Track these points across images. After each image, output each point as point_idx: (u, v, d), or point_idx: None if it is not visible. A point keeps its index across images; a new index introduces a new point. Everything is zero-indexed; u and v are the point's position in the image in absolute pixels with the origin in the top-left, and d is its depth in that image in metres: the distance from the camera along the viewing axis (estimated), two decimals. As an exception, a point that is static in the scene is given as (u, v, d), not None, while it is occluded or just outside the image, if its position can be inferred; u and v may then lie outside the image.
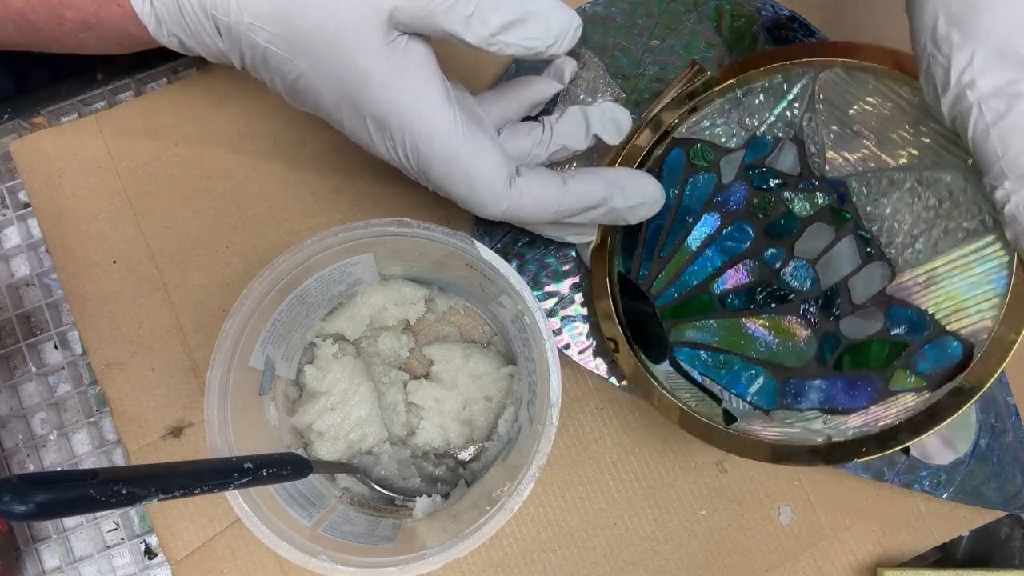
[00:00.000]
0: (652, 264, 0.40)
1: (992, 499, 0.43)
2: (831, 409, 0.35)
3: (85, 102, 0.47)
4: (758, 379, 0.37)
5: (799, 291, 0.37)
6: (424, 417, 0.43)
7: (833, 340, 0.36)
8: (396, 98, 0.32)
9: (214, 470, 0.28)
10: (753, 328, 0.38)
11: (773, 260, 0.38)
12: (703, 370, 0.38)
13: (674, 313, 0.39)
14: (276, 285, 0.36)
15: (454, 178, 0.34)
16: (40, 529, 0.45)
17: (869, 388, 0.35)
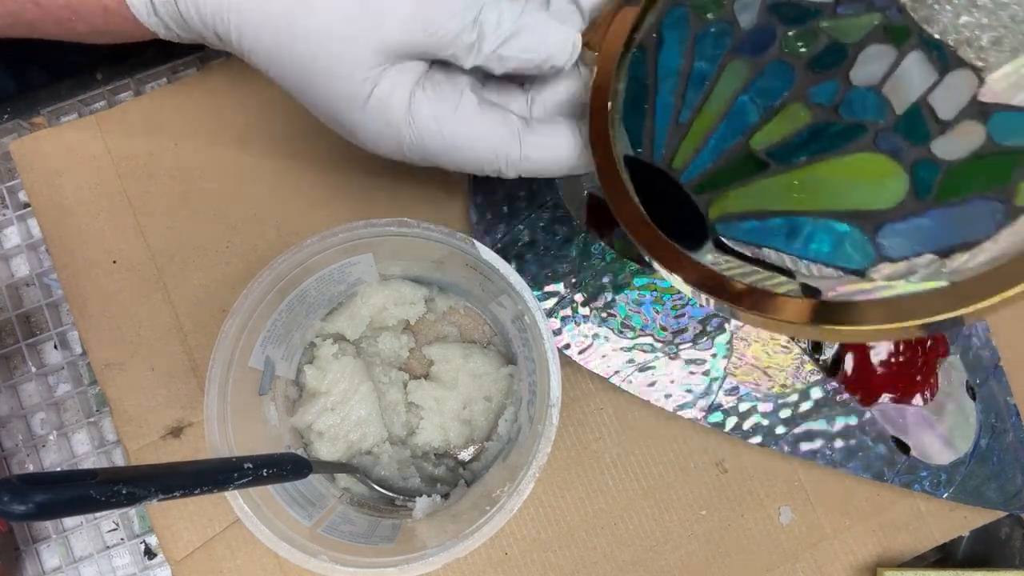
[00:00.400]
0: (669, 135, 0.33)
1: (992, 499, 0.43)
2: (948, 248, 0.28)
3: (85, 102, 0.47)
4: (842, 234, 0.29)
5: (869, 121, 0.30)
6: (424, 417, 0.43)
7: (928, 167, 0.29)
8: (385, 118, 0.32)
9: (214, 470, 0.28)
10: (819, 178, 0.30)
11: (827, 96, 0.31)
12: (760, 241, 0.31)
13: (709, 184, 0.32)
14: (276, 285, 0.36)
15: (465, 166, 0.34)
16: (40, 529, 0.45)
17: (990, 211, 0.27)
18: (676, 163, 0.33)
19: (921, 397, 0.43)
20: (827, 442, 0.42)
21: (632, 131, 0.34)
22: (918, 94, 0.30)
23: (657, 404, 0.42)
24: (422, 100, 0.32)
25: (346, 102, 0.32)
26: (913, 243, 0.29)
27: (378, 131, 0.32)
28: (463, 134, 0.32)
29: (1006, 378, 0.43)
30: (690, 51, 0.34)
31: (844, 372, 0.42)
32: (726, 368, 0.42)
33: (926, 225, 0.29)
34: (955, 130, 0.29)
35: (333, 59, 0.31)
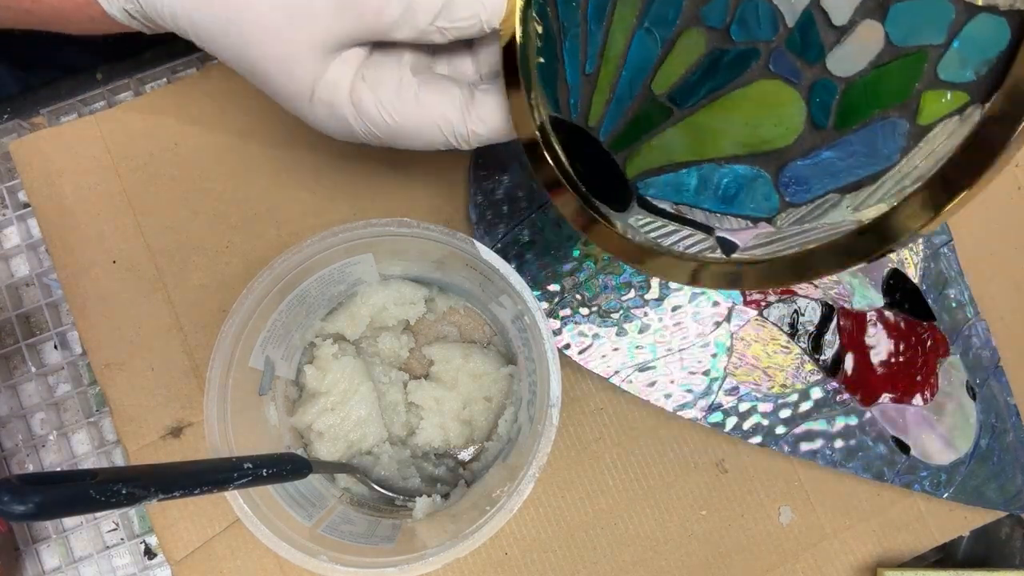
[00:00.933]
0: (581, 88, 0.31)
1: (992, 499, 0.43)
2: (852, 184, 0.26)
3: (85, 102, 0.47)
4: (747, 180, 0.28)
5: (760, 40, 0.27)
6: (424, 417, 0.43)
7: (825, 88, 0.26)
8: (331, 111, 0.32)
9: (214, 470, 0.28)
10: (719, 118, 0.28)
11: (717, 16, 0.28)
12: (678, 199, 0.30)
13: (624, 141, 0.31)
14: (276, 285, 0.36)
15: (417, 145, 0.34)
16: (40, 529, 0.45)
17: (894, 133, 0.25)
18: (591, 119, 0.31)
19: (921, 397, 0.43)
20: (827, 442, 0.42)
21: (548, 89, 0.32)
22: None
23: (657, 404, 0.42)
24: (362, 89, 0.32)
25: (293, 97, 0.32)
26: (816, 182, 0.27)
27: (327, 122, 0.33)
28: (406, 116, 0.32)
29: (1006, 378, 0.43)
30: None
31: (844, 372, 0.42)
32: (726, 368, 0.42)
33: (827, 160, 0.27)
34: (851, 36, 0.26)
35: (273, 59, 0.31)
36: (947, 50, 0.24)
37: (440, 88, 0.33)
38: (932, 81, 0.24)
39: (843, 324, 0.43)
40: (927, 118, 0.24)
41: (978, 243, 0.46)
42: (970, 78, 0.24)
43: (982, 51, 0.23)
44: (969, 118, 0.24)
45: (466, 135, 0.33)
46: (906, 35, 0.24)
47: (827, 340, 0.42)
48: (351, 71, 0.32)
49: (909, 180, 0.25)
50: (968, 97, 0.24)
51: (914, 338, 0.43)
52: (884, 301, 0.43)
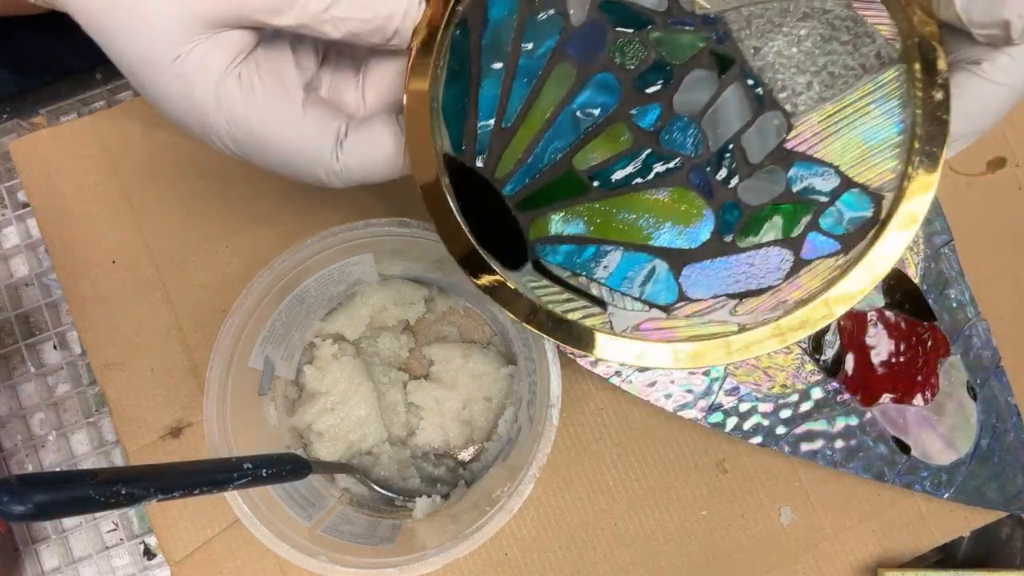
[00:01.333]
0: (493, 140, 0.31)
1: (993, 499, 0.43)
2: (742, 292, 0.31)
3: (84, 102, 0.47)
4: (650, 270, 0.31)
5: (685, 155, 0.31)
6: (424, 417, 0.43)
7: (732, 210, 0.31)
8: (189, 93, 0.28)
9: (213, 470, 0.28)
10: (636, 208, 0.31)
11: (650, 121, 0.31)
12: (577, 269, 0.31)
13: (531, 202, 0.31)
14: (275, 285, 0.36)
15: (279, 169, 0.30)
16: (39, 530, 0.45)
17: (780, 259, 0.30)
18: (499, 173, 0.31)
19: (922, 397, 0.43)
20: (828, 442, 0.42)
21: (452, 128, 0.31)
22: (732, 132, 0.31)
23: (657, 404, 0.42)
24: (234, 85, 0.28)
25: (145, 63, 0.28)
26: (712, 286, 0.31)
27: (178, 104, 0.28)
28: (277, 133, 0.29)
29: (1007, 378, 0.43)
30: (517, 40, 0.31)
31: (845, 372, 0.42)
32: (726, 368, 0.42)
33: (725, 269, 0.31)
34: (760, 174, 0.31)
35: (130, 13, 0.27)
36: (827, 208, 0.30)
37: (319, 110, 0.29)
38: (815, 227, 0.30)
39: (843, 324, 0.43)
40: (808, 253, 0.31)
41: (979, 243, 0.46)
42: (842, 232, 0.30)
43: (853, 215, 0.30)
44: (836, 263, 0.30)
45: (338, 169, 0.29)
46: (802, 187, 0.31)
47: (827, 340, 0.42)
48: (225, 58, 0.28)
49: (783, 303, 0.31)
50: (839, 245, 0.30)
51: (915, 338, 0.43)
52: (885, 301, 0.43)
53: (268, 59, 0.29)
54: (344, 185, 0.30)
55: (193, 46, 0.27)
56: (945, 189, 0.45)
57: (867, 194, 0.30)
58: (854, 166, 0.30)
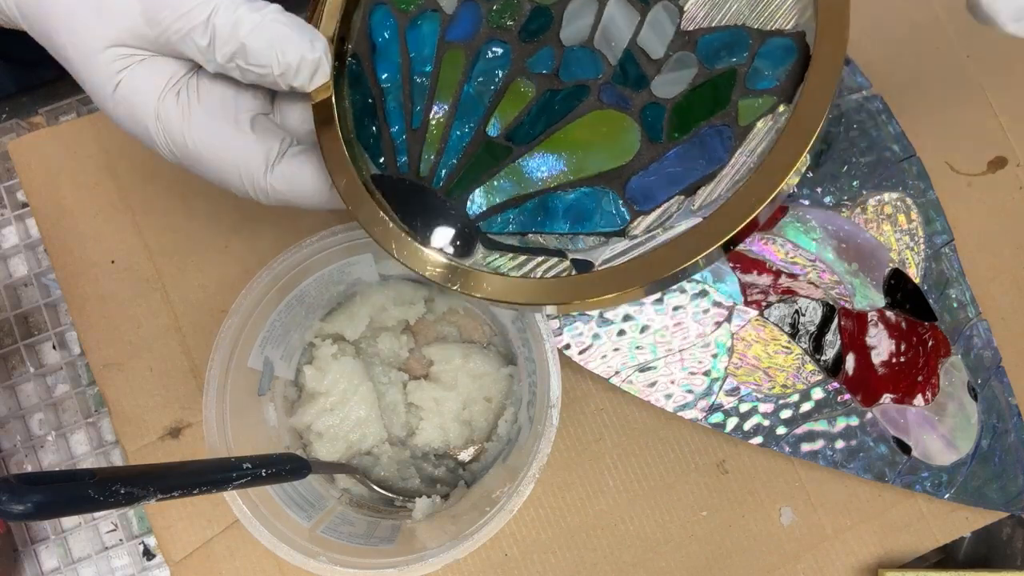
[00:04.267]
0: (409, 143, 0.32)
1: (994, 500, 0.42)
2: (692, 185, 0.30)
3: (84, 101, 0.47)
4: (594, 200, 0.31)
5: (589, 80, 0.31)
6: (424, 418, 0.43)
7: (654, 110, 0.30)
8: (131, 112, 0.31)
9: (212, 470, 0.28)
10: (559, 149, 0.31)
11: (544, 65, 0.31)
12: (525, 229, 0.31)
13: (461, 185, 0.32)
14: (275, 285, 0.36)
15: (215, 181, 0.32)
16: (38, 530, 0.45)
17: (721, 138, 0.29)
18: (423, 171, 0.32)
19: (923, 398, 0.42)
20: (828, 443, 0.42)
21: (371, 148, 0.33)
22: (627, 39, 0.31)
23: (657, 404, 0.42)
24: (172, 103, 0.31)
25: (95, 89, 0.31)
26: (660, 190, 0.30)
27: (127, 123, 0.31)
28: (209, 148, 0.31)
29: (1008, 378, 0.43)
30: (403, 49, 0.33)
31: (845, 372, 0.42)
32: (727, 368, 0.42)
33: (667, 169, 0.30)
34: (669, 65, 0.30)
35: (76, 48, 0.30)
36: (751, 66, 0.29)
37: (258, 131, 0.32)
38: (744, 91, 0.29)
39: (844, 324, 0.42)
40: (745, 120, 0.29)
41: (979, 243, 0.46)
42: (774, 84, 0.29)
43: (778, 63, 0.29)
44: (780, 115, 0.29)
45: (265, 188, 0.32)
46: (715, 60, 0.30)
47: (828, 340, 0.42)
48: (161, 80, 0.31)
49: (741, 173, 0.29)
50: (775, 99, 0.29)
51: (915, 338, 0.43)
52: (885, 301, 0.43)
53: (212, 81, 0.32)
54: (269, 203, 0.33)
55: (126, 72, 0.30)
56: (945, 189, 0.45)
57: (785, 37, 0.29)
58: (760, 17, 0.29)
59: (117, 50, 0.30)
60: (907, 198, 0.44)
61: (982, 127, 0.47)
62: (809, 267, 0.43)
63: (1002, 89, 0.47)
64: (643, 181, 0.30)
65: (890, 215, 0.44)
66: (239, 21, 0.29)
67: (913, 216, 0.44)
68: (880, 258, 0.43)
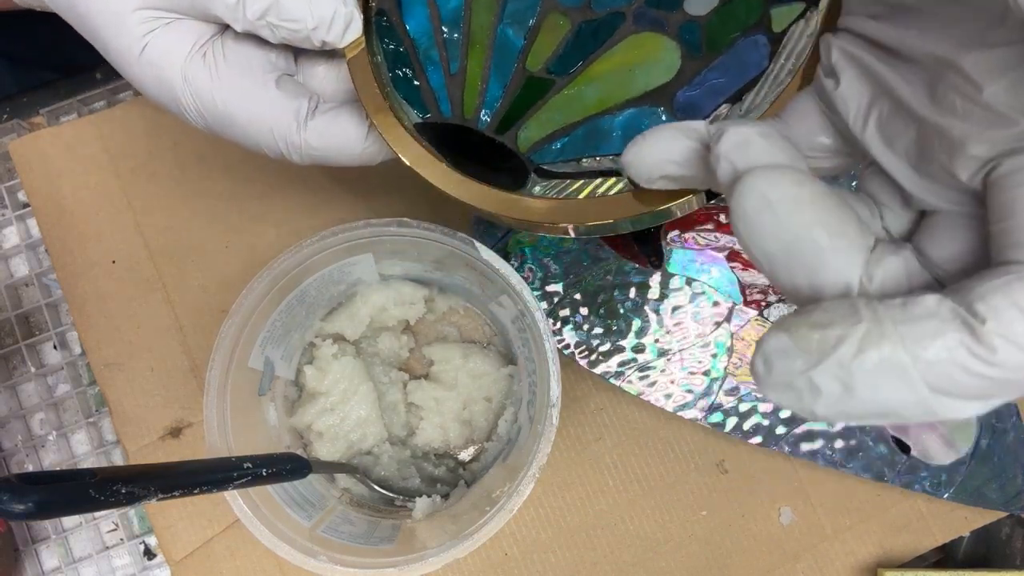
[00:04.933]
0: (449, 88, 0.33)
1: (993, 499, 0.42)
2: (737, 93, 0.30)
3: (85, 102, 0.47)
4: (645, 119, 0.31)
5: (622, 6, 0.31)
6: (424, 417, 0.43)
7: (689, 28, 0.31)
8: (158, 75, 0.31)
9: (213, 470, 0.28)
10: (602, 75, 0.31)
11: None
12: (579, 155, 0.31)
13: (506, 121, 0.32)
14: (275, 285, 0.36)
15: (245, 142, 0.32)
16: (39, 529, 0.45)
17: (757, 46, 0.30)
18: (467, 112, 0.32)
19: (922, 397, 0.42)
20: (828, 442, 0.42)
21: (411, 98, 0.33)
22: None
23: (657, 404, 0.42)
24: (199, 65, 0.31)
25: (121, 53, 0.31)
26: (707, 101, 0.30)
27: (153, 86, 0.31)
28: (240, 107, 0.31)
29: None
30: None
31: (844, 372, 0.42)
32: (726, 368, 0.42)
33: (710, 81, 0.30)
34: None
35: (100, 12, 0.30)
36: None
37: (286, 90, 0.32)
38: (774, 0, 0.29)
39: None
40: (779, 26, 0.29)
41: (978, 243, 0.46)
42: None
43: None
44: (811, 19, 0.28)
45: (299, 144, 0.32)
46: None
47: (827, 340, 0.42)
48: (188, 42, 0.31)
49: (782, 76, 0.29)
50: (804, 4, 0.29)
51: (914, 338, 0.43)
52: (884, 301, 0.43)
53: (236, 42, 0.31)
54: (303, 161, 0.33)
55: (153, 35, 0.30)
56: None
57: None
58: None
59: (143, 12, 0.30)
60: (906, 198, 0.44)
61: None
62: (808, 267, 0.43)
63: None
64: (689, 94, 0.30)
65: (889, 215, 0.44)
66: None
67: (912, 216, 0.44)
68: (879, 258, 0.43)
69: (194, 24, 0.31)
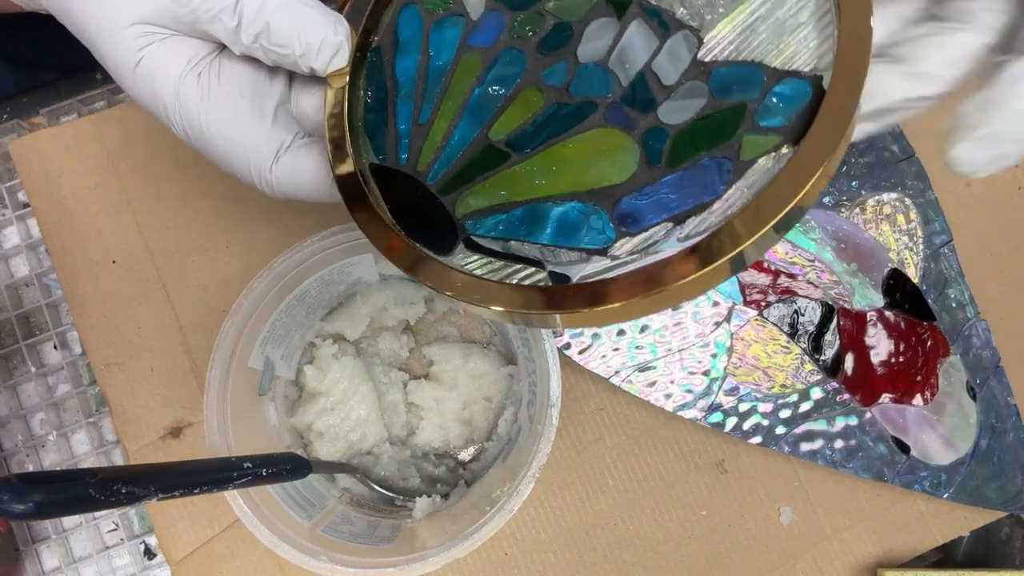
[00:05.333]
0: (412, 137, 0.33)
1: (993, 499, 0.43)
2: (683, 213, 0.29)
3: (85, 102, 0.47)
4: (581, 215, 0.30)
5: (598, 97, 0.31)
6: (424, 417, 0.43)
7: (657, 134, 0.30)
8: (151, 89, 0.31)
9: (213, 470, 0.28)
10: (556, 161, 0.31)
11: (557, 79, 0.31)
12: (508, 235, 0.31)
13: (453, 183, 0.32)
14: (275, 285, 0.36)
15: (223, 165, 0.33)
16: (39, 529, 0.45)
17: (719, 170, 0.29)
18: (420, 165, 0.32)
19: (921, 397, 0.43)
20: (827, 442, 0.42)
21: (375, 139, 0.33)
22: (642, 63, 0.30)
23: (657, 404, 0.42)
24: (191, 85, 0.31)
25: (118, 66, 0.31)
26: (649, 214, 0.29)
27: (147, 100, 0.32)
28: (222, 134, 0.31)
29: (1006, 378, 0.43)
30: (424, 48, 0.34)
31: (844, 372, 0.42)
32: (726, 368, 0.42)
33: (660, 194, 0.29)
34: (680, 93, 0.30)
35: (98, 26, 0.30)
36: (761, 103, 0.28)
37: (269, 121, 0.32)
38: (751, 127, 0.28)
39: (843, 324, 0.43)
40: (747, 155, 0.28)
41: (978, 243, 0.46)
42: (782, 124, 0.28)
43: (790, 104, 0.28)
44: (783, 156, 0.27)
45: (270, 180, 0.32)
46: (727, 93, 0.29)
47: (827, 340, 0.42)
48: (183, 59, 0.31)
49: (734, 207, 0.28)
50: (780, 139, 0.28)
51: (914, 338, 0.43)
52: (884, 301, 0.43)
53: (232, 64, 0.32)
54: (274, 196, 0.33)
55: (148, 50, 0.30)
56: (944, 189, 0.45)
57: (801, 79, 0.28)
58: (779, 56, 0.28)
59: (141, 27, 0.30)
60: (906, 198, 0.44)
61: (981, 127, 0.47)
62: (808, 267, 0.43)
63: (1001, 89, 0.47)
64: (634, 203, 0.30)
65: (889, 215, 0.44)
66: (266, 1, 0.29)
67: (912, 216, 0.44)
68: (879, 258, 0.43)
69: (190, 42, 0.31)
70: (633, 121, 0.30)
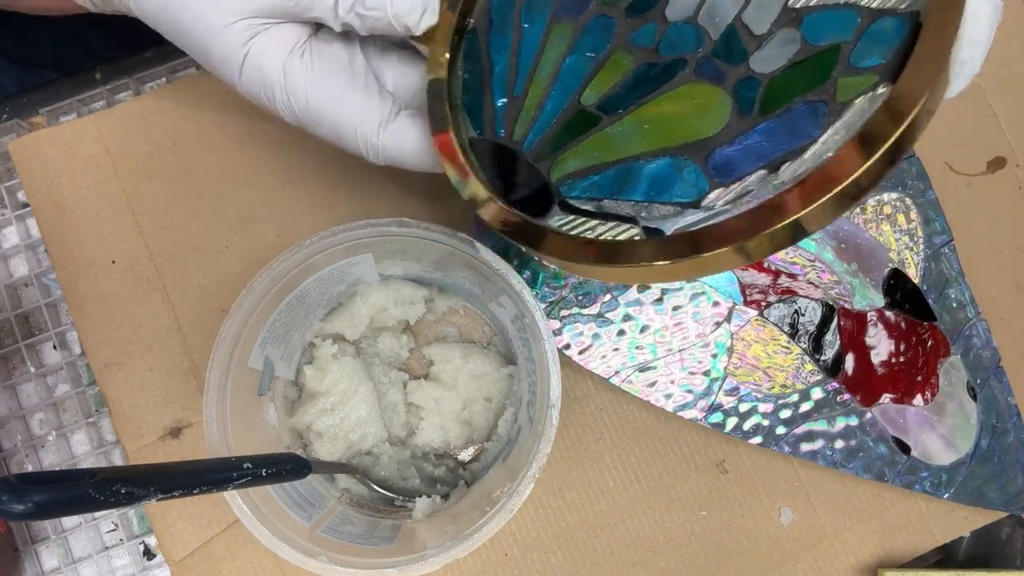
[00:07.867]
0: (507, 109, 0.34)
1: (993, 500, 0.43)
2: (778, 159, 0.28)
3: (84, 102, 0.47)
4: (673, 170, 0.30)
5: (688, 53, 0.31)
6: (424, 417, 0.43)
7: (749, 84, 0.29)
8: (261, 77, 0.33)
9: (213, 470, 0.28)
10: (648, 119, 0.31)
11: (646, 39, 0.32)
12: (602, 194, 0.31)
13: (548, 149, 0.33)
14: (275, 285, 0.36)
15: (330, 138, 0.34)
16: (39, 530, 0.45)
17: (814, 114, 0.28)
18: (516, 135, 0.34)
19: (922, 397, 0.43)
20: (828, 442, 0.42)
21: (473, 113, 0.34)
22: (732, 16, 0.30)
23: (657, 404, 0.42)
24: (297, 66, 0.33)
25: (225, 62, 0.33)
26: (743, 163, 0.29)
27: (256, 88, 0.34)
28: (329, 106, 0.33)
29: (1007, 378, 0.43)
30: (517, 25, 0.34)
31: (845, 372, 0.42)
32: (726, 368, 0.42)
33: (753, 142, 0.29)
34: (771, 41, 0.29)
35: (204, 25, 0.32)
36: (856, 44, 0.28)
37: (372, 92, 0.34)
38: (846, 68, 0.28)
39: (844, 324, 0.43)
40: (843, 97, 0.27)
41: (979, 243, 0.46)
42: (879, 63, 0.27)
43: (886, 42, 0.27)
44: (879, 96, 0.27)
45: (376, 147, 0.34)
46: (820, 37, 0.28)
47: (828, 340, 0.42)
48: (287, 44, 0.33)
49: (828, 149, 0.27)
50: (877, 77, 0.27)
51: (915, 338, 0.43)
52: (885, 301, 0.43)
53: (327, 44, 0.34)
54: (378, 162, 0.35)
55: (254, 42, 0.33)
56: (945, 189, 0.45)
57: (897, 16, 0.27)
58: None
59: (244, 22, 0.32)
60: (906, 198, 0.44)
61: (981, 127, 0.47)
62: (808, 267, 0.43)
63: (1001, 89, 0.47)
64: (727, 153, 0.29)
65: (889, 215, 0.44)
66: None
67: (912, 216, 0.44)
68: (879, 258, 0.43)
69: (290, 27, 0.33)
70: (724, 73, 0.30)
